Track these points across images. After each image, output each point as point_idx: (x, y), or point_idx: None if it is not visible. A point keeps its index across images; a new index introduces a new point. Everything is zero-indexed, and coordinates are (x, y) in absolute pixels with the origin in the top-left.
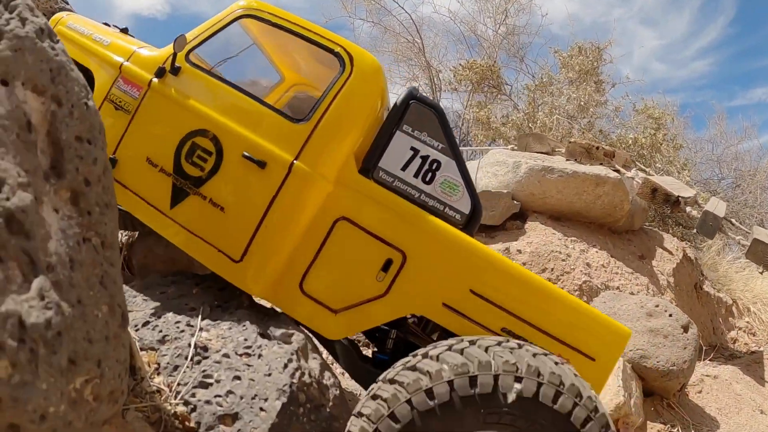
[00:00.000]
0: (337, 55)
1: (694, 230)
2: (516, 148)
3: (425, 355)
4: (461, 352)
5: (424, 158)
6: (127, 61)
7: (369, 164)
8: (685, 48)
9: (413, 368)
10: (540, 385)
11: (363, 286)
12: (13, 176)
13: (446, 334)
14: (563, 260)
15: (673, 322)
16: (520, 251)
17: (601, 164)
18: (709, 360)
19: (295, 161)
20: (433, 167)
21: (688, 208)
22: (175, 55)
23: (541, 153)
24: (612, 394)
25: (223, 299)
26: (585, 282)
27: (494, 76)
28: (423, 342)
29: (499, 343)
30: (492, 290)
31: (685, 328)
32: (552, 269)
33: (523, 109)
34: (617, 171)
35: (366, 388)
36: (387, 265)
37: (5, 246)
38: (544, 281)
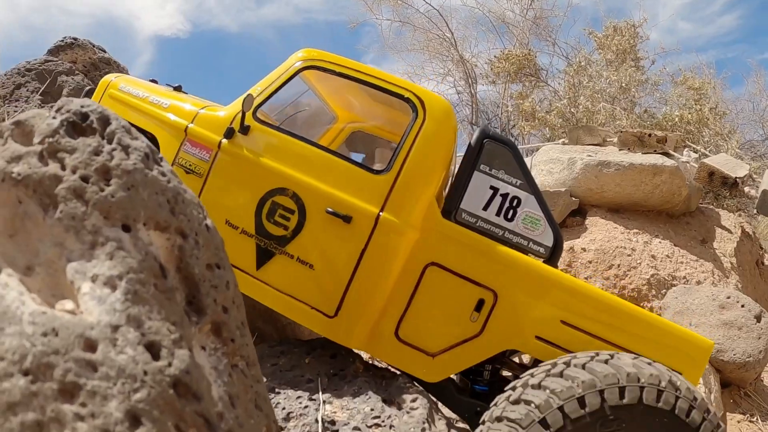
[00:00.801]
0: (407, 101)
1: (754, 210)
2: (567, 142)
3: (560, 371)
4: (605, 362)
5: (504, 196)
6: (192, 123)
7: (451, 207)
8: (710, 3)
9: (561, 375)
10: (673, 396)
11: (458, 328)
12: (165, 335)
13: (538, 363)
14: (629, 255)
15: (745, 313)
16: (584, 249)
17: (655, 152)
18: None
19: (381, 213)
20: (514, 204)
21: (746, 188)
22: (243, 114)
23: (593, 145)
24: None
25: (337, 367)
26: (653, 275)
27: (531, 64)
28: (516, 371)
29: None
30: (581, 318)
31: (758, 318)
32: (619, 265)
33: (564, 95)
34: (668, 155)
35: (463, 417)
36: (480, 305)
37: (182, 416)
38: (627, 303)
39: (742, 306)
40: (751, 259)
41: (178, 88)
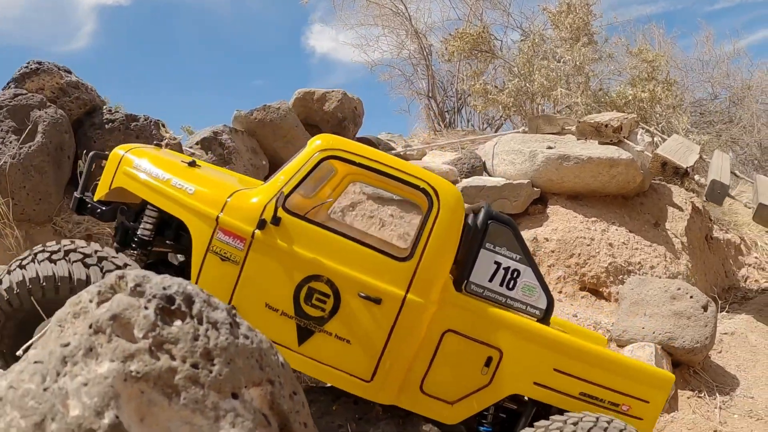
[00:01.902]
0: (423, 191)
1: (704, 198)
2: (527, 130)
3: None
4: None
5: (506, 269)
6: (222, 212)
7: (461, 279)
8: None
9: None
10: None
11: (471, 380)
12: None
13: (534, 402)
14: (588, 245)
15: (694, 304)
16: (547, 239)
17: (611, 141)
18: (726, 312)
19: (407, 295)
20: (514, 275)
21: (696, 176)
22: (276, 208)
23: (552, 134)
24: None
25: (361, 411)
26: (610, 263)
27: (485, 41)
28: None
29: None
30: (570, 365)
31: (705, 308)
32: (579, 254)
33: (518, 73)
34: (623, 143)
35: None
36: (488, 361)
37: None
38: (607, 351)
39: (691, 297)
40: (701, 235)
41: (192, 164)
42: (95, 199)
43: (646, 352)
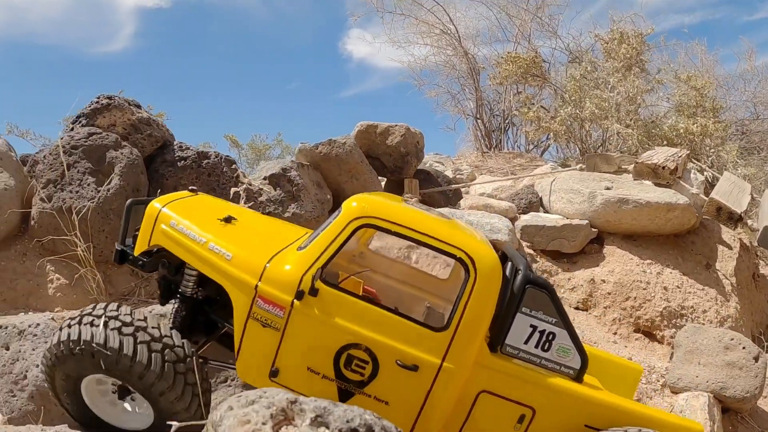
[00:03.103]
0: (459, 260)
1: (756, 243)
2: (584, 168)
3: None
4: None
5: (542, 332)
6: (260, 281)
7: (497, 342)
8: None
9: None
10: None
11: None
12: None
13: None
14: (644, 289)
15: (746, 354)
16: (604, 281)
17: (668, 184)
18: None
19: (443, 363)
20: (550, 338)
21: (749, 221)
22: (314, 280)
23: (609, 173)
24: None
25: None
26: (665, 308)
27: (537, 66)
28: None
29: None
30: (599, 422)
31: (756, 359)
32: (635, 297)
33: (570, 99)
34: (674, 174)
35: None
36: (521, 418)
37: None
38: (635, 404)
39: (743, 348)
40: (748, 274)
41: (228, 220)
42: (135, 254)
43: (700, 402)
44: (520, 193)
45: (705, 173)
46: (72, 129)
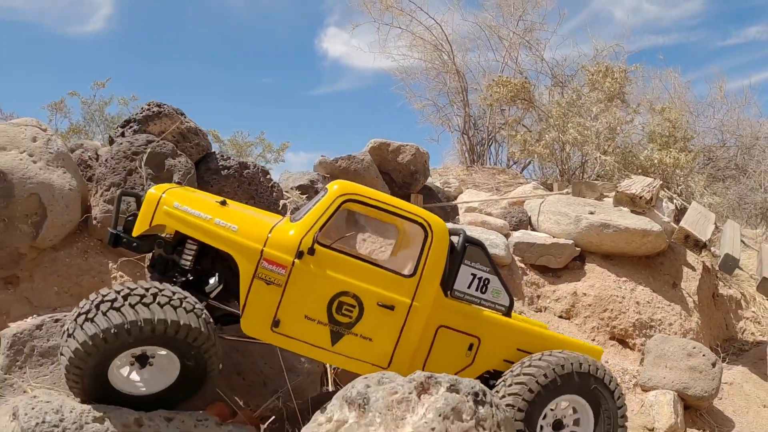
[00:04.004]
0: (420, 224)
1: (717, 268)
2: (570, 193)
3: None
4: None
5: (480, 279)
6: (265, 246)
7: (447, 287)
8: None
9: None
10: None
11: (459, 362)
12: None
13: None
14: (619, 302)
15: (705, 361)
16: (585, 294)
17: (643, 212)
18: (726, 363)
19: (412, 303)
20: (486, 283)
21: (712, 248)
22: (314, 241)
23: (594, 199)
24: (667, 417)
25: None
26: (637, 319)
27: (526, 91)
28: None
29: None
30: (528, 346)
31: (713, 365)
32: (611, 309)
33: (554, 124)
34: (649, 204)
35: None
36: (470, 346)
37: None
38: (551, 333)
39: (703, 355)
40: (709, 294)
41: (223, 203)
42: (134, 234)
43: (667, 398)
44: (512, 213)
45: (675, 201)
46: (123, 134)
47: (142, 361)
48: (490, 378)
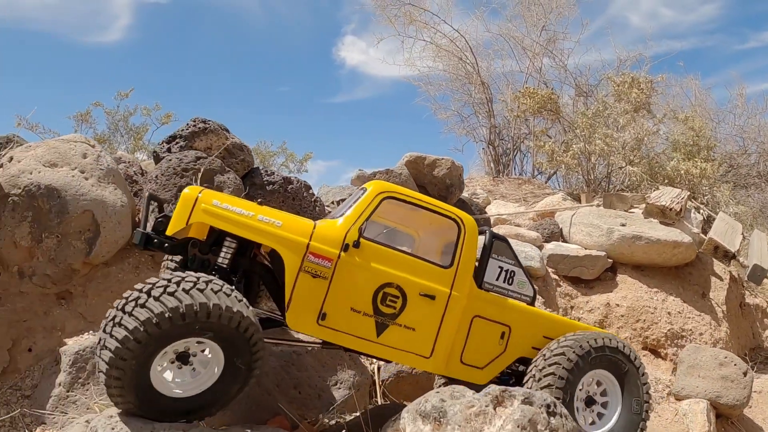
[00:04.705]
0: (454, 220)
1: (745, 278)
2: (601, 205)
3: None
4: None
5: (506, 271)
6: (311, 240)
7: (479, 280)
8: None
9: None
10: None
11: (493, 350)
12: None
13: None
14: (651, 313)
15: (737, 370)
16: (618, 305)
17: (673, 223)
18: (754, 372)
19: (451, 292)
20: (512, 275)
21: (740, 259)
22: (360, 233)
23: (624, 210)
24: (701, 426)
25: None
26: (669, 329)
27: (553, 102)
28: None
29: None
30: (552, 333)
31: (745, 374)
32: (644, 320)
33: (581, 134)
34: (679, 215)
35: None
36: (503, 335)
37: None
38: (571, 321)
39: (735, 365)
40: (737, 303)
41: (261, 203)
42: (168, 233)
43: (700, 407)
44: (544, 225)
45: (701, 211)
46: (169, 149)
47: (184, 359)
48: (519, 365)
